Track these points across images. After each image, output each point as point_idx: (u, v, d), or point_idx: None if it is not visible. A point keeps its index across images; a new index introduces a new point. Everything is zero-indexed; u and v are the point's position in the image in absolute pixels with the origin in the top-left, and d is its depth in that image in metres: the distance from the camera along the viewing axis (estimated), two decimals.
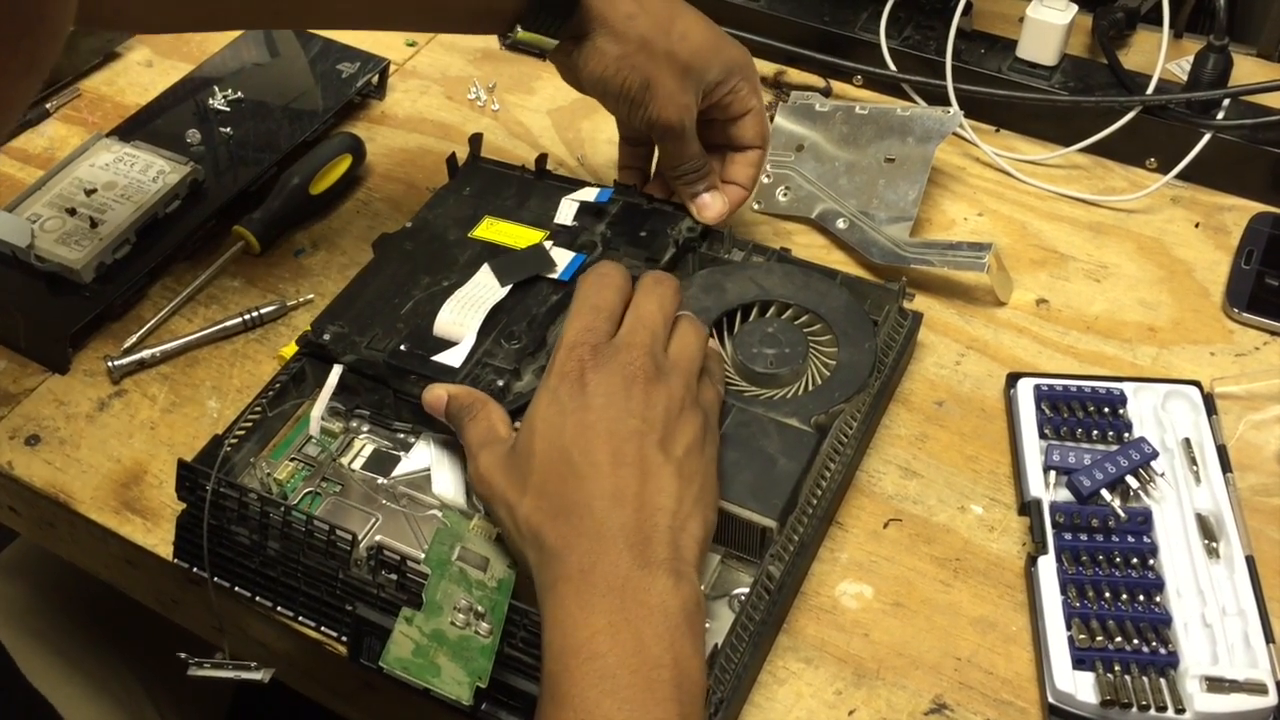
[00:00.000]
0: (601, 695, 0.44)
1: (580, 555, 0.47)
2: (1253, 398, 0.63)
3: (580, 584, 0.46)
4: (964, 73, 0.78)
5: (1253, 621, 0.53)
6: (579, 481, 0.48)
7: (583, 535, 0.47)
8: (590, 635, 0.45)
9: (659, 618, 0.46)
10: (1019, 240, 0.73)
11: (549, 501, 0.49)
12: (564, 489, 0.49)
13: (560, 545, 0.48)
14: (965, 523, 0.59)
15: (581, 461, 0.49)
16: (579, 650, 0.45)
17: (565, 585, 0.47)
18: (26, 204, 0.72)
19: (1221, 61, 0.74)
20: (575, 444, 0.49)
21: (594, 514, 0.48)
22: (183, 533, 0.57)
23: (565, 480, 0.49)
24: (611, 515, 0.48)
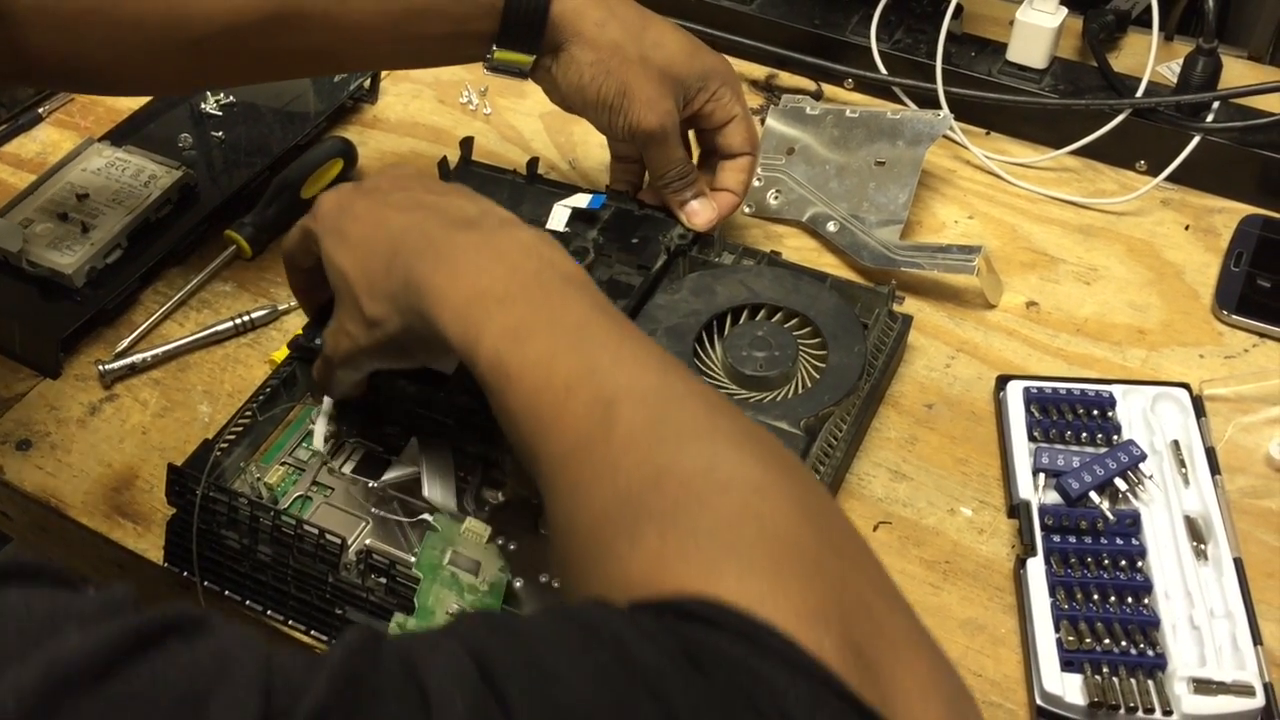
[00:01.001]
0: (504, 311, 0.44)
1: (426, 261, 0.47)
2: (1242, 400, 0.64)
3: (438, 272, 0.46)
4: (954, 76, 0.78)
5: (1240, 623, 0.53)
6: (385, 237, 0.49)
7: (418, 252, 0.47)
8: (470, 286, 0.45)
9: (515, 249, 0.46)
10: (1009, 243, 0.73)
11: (379, 272, 0.49)
12: (379, 255, 0.49)
13: (409, 273, 0.47)
14: (954, 525, 0.59)
15: (375, 230, 0.50)
16: (468, 300, 0.45)
17: (429, 286, 0.46)
18: (18, 209, 0.72)
19: (1211, 64, 0.74)
20: (364, 229, 0.50)
21: (413, 234, 0.48)
22: (173, 537, 0.57)
23: (375, 250, 0.49)
24: (426, 225, 0.48)
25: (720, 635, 0.31)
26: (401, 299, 0.48)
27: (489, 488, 0.58)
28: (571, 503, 0.39)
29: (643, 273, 0.64)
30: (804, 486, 0.37)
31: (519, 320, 0.44)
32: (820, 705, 0.30)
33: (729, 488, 0.36)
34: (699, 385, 0.42)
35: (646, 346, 0.43)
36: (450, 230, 0.48)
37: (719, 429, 0.39)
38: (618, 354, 0.42)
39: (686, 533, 0.34)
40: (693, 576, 0.33)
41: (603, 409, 0.39)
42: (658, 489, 0.36)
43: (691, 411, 0.40)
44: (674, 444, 0.38)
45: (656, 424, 0.39)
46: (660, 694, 0.30)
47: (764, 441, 0.39)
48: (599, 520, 0.37)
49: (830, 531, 0.36)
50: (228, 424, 0.59)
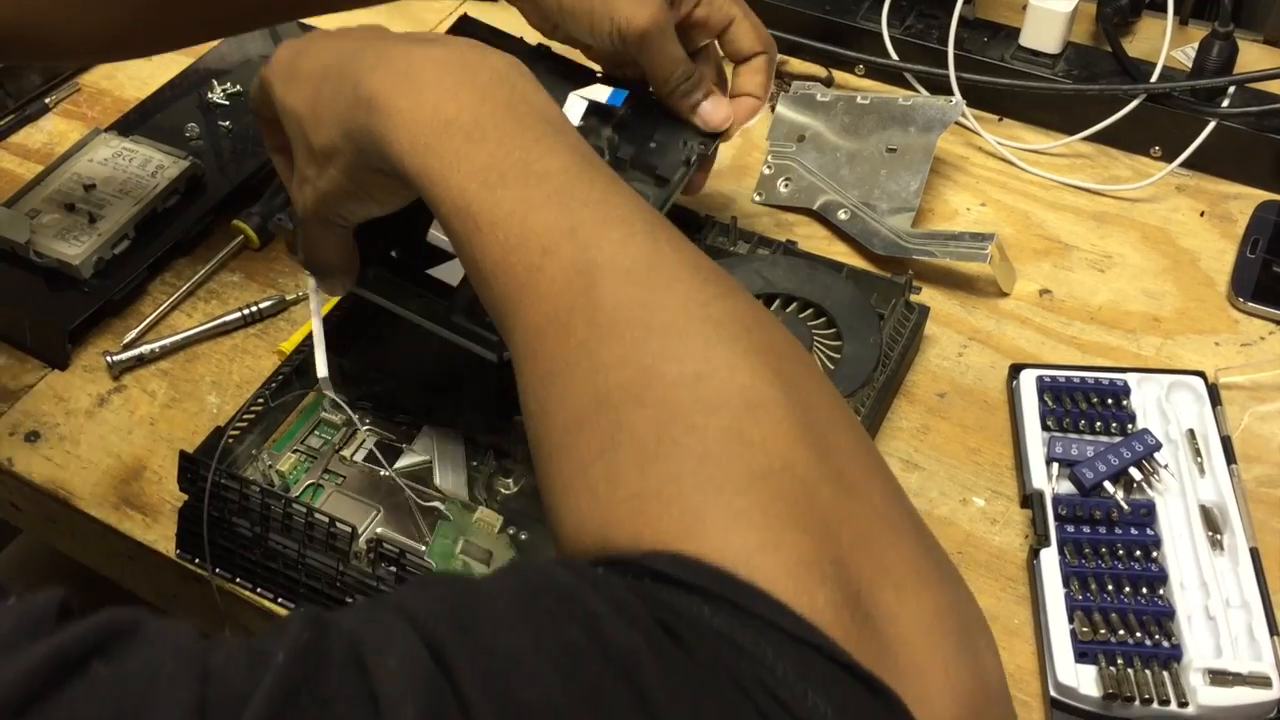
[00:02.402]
0: (473, 146, 0.39)
1: (381, 75, 0.42)
2: (1258, 388, 0.63)
3: (396, 88, 0.41)
4: (966, 61, 0.78)
5: (1257, 614, 0.53)
6: (338, 62, 0.45)
7: (372, 66, 0.43)
8: (433, 111, 0.40)
9: (486, 73, 0.41)
10: (1022, 230, 0.73)
11: (329, 96, 0.45)
12: (330, 79, 0.45)
13: (360, 89, 0.42)
14: (967, 515, 0.59)
15: (330, 58, 0.45)
16: (431, 128, 0.40)
17: (385, 105, 0.41)
18: (25, 199, 0.72)
19: (1226, 49, 0.74)
20: (316, 61, 0.46)
21: (368, 53, 0.44)
22: (185, 525, 0.57)
23: (327, 76, 0.45)
24: (383, 44, 0.44)
25: (702, 603, 0.29)
26: (350, 120, 0.43)
27: (501, 476, 0.58)
28: (545, 393, 0.35)
29: (660, 185, 0.59)
30: (804, 394, 0.34)
31: (490, 159, 0.39)
32: (811, 676, 0.28)
33: (718, 407, 0.32)
34: (691, 254, 0.38)
35: (633, 204, 0.38)
36: (410, 45, 0.43)
37: (711, 318, 0.35)
38: (603, 212, 0.37)
39: (668, 472, 0.31)
40: (674, 528, 0.30)
41: (584, 281, 0.35)
42: (639, 402, 0.33)
43: (683, 294, 0.35)
44: (660, 339, 0.34)
45: (642, 309, 0.35)
46: (635, 680, 0.27)
47: (762, 331, 0.35)
48: (574, 425, 0.34)
49: (831, 452, 0.32)
50: (239, 411, 0.59)
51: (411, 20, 0.89)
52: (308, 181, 0.47)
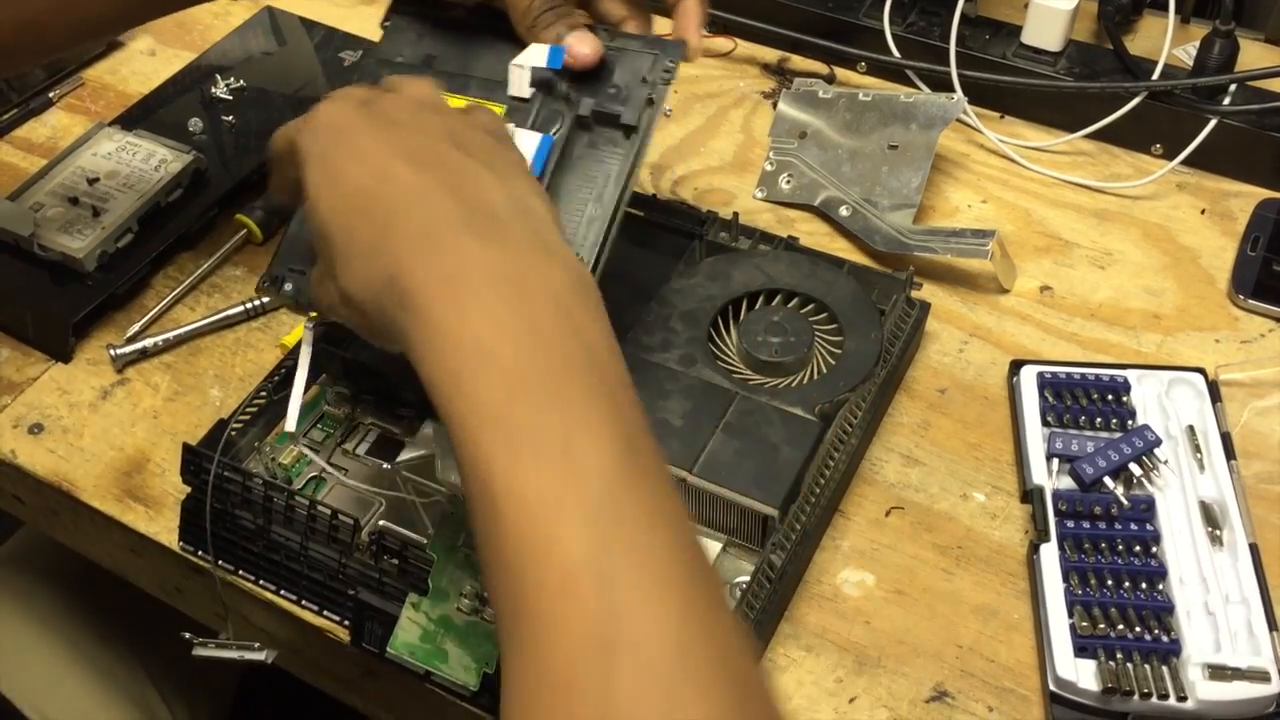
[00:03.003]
0: (509, 397, 0.35)
1: (424, 268, 0.38)
2: (1258, 385, 0.63)
3: (436, 294, 0.37)
4: (968, 59, 0.78)
5: (1256, 609, 0.53)
6: (384, 202, 0.40)
7: (416, 249, 0.38)
8: (473, 338, 0.36)
9: (543, 298, 0.37)
10: (1023, 227, 0.73)
11: (365, 248, 0.39)
12: (372, 224, 0.40)
13: (399, 272, 0.38)
14: (967, 510, 0.59)
15: (375, 185, 0.40)
16: (466, 357, 0.36)
17: (420, 306, 0.37)
18: (29, 193, 0.72)
19: (1228, 47, 0.74)
20: (362, 176, 0.41)
21: (417, 216, 0.39)
22: (188, 517, 0.58)
23: (369, 215, 0.40)
24: (438, 209, 0.39)
25: None
26: (384, 297, 0.39)
27: None
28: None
29: (629, 133, 0.54)
30: None
31: (524, 422, 0.35)
32: None
33: None
34: (722, 625, 0.34)
35: (674, 529, 0.34)
36: (464, 231, 0.38)
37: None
38: (642, 547, 0.33)
39: None
40: None
41: (601, 659, 0.32)
42: None
43: (705, 697, 0.32)
44: None
45: (658, 714, 0.31)
46: None
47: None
48: None
49: None
50: (242, 404, 0.59)
51: None
52: (329, 294, 0.43)
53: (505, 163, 0.43)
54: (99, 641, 0.78)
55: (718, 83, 0.83)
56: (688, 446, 0.56)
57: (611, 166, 0.54)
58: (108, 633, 0.78)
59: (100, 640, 0.78)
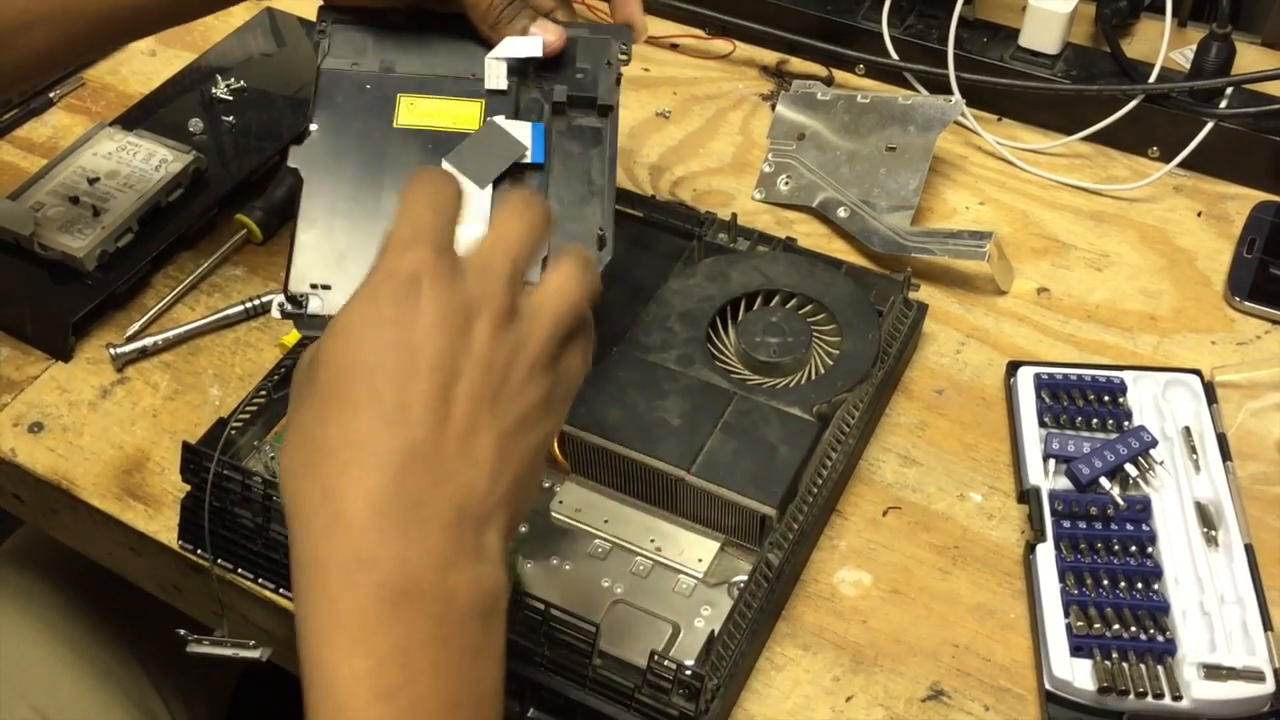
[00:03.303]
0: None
1: (350, 538, 0.35)
2: (1254, 386, 0.63)
3: (354, 584, 0.35)
4: (966, 61, 0.78)
5: (1251, 609, 0.53)
6: (371, 420, 0.36)
7: (359, 503, 0.35)
8: (374, 665, 0.34)
9: (459, 637, 0.35)
10: (1020, 229, 0.73)
11: (316, 436, 0.37)
12: (345, 423, 0.36)
13: (321, 513, 0.35)
14: (964, 511, 0.59)
15: (385, 391, 0.36)
16: (357, 689, 0.34)
17: (325, 583, 0.35)
18: (30, 192, 0.72)
19: (1224, 50, 0.74)
20: (384, 366, 0.37)
21: (376, 472, 0.36)
22: (187, 515, 0.58)
23: (355, 411, 0.36)
24: (402, 481, 0.36)
25: None
26: (297, 503, 0.37)
27: None
28: None
29: (603, 113, 0.56)
30: None
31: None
32: None
33: None
34: None
35: None
36: (395, 546, 0.35)
37: None
38: None
39: None
40: None
41: None
42: None
43: None
44: None
45: None
46: None
47: None
48: None
49: None
50: (242, 403, 0.59)
51: None
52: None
53: (520, 449, 0.39)
54: (98, 640, 0.78)
55: (717, 85, 0.83)
56: (686, 446, 0.56)
57: (594, 146, 0.57)
58: (106, 631, 0.78)
59: (99, 639, 0.78)
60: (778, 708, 0.53)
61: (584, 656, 0.50)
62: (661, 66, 0.85)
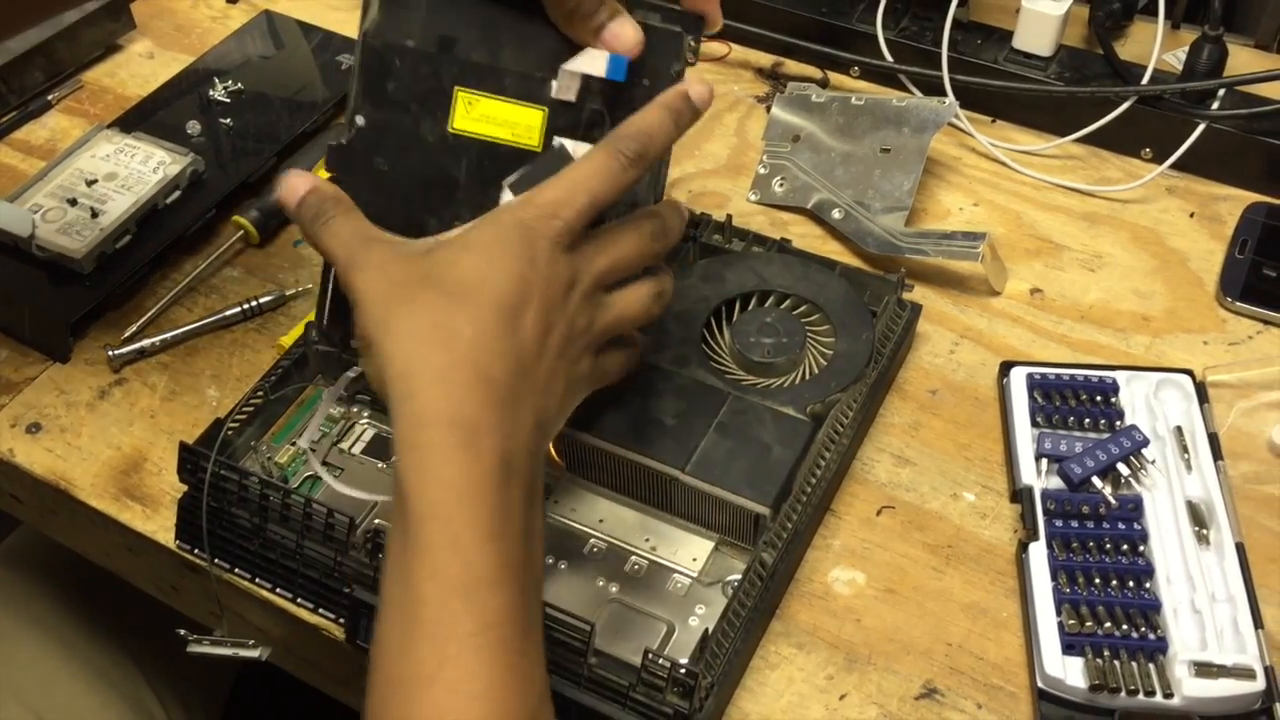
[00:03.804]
0: (453, 555, 0.41)
1: (480, 403, 0.43)
2: (1245, 386, 0.64)
3: (476, 442, 0.42)
4: (960, 63, 0.78)
5: (1242, 607, 0.53)
6: (496, 322, 0.44)
7: (486, 402, 0.43)
8: (487, 512, 0.42)
9: (536, 508, 0.44)
10: (1014, 230, 0.74)
11: (444, 319, 0.44)
12: (473, 317, 0.44)
13: (448, 378, 0.43)
14: (957, 510, 0.60)
15: (506, 306, 0.45)
16: (471, 527, 0.42)
17: (449, 436, 0.42)
18: (28, 194, 0.72)
19: (1216, 52, 0.74)
20: (504, 286, 0.45)
21: (500, 360, 0.44)
22: (184, 515, 0.58)
23: (480, 310, 0.44)
24: (513, 378, 0.44)
25: None
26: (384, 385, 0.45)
27: None
28: None
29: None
30: None
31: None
32: None
33: None
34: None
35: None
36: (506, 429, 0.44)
37: None
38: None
39: None
40: None
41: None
42: None
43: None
44: None
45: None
46: None
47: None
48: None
49: None
50: (239, 404, 0.60)
51: None
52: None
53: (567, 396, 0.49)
54: (94, 640, 0.78)
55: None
56: (680, 446, 0.56)
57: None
58: (103, 631, 0.78)
59: (96, 639, 0.78)
60: (772, 706, 0.53)
61: (579, 655, 0.50)
62: None
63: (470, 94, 0.51)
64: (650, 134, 0.49)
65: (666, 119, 0.49)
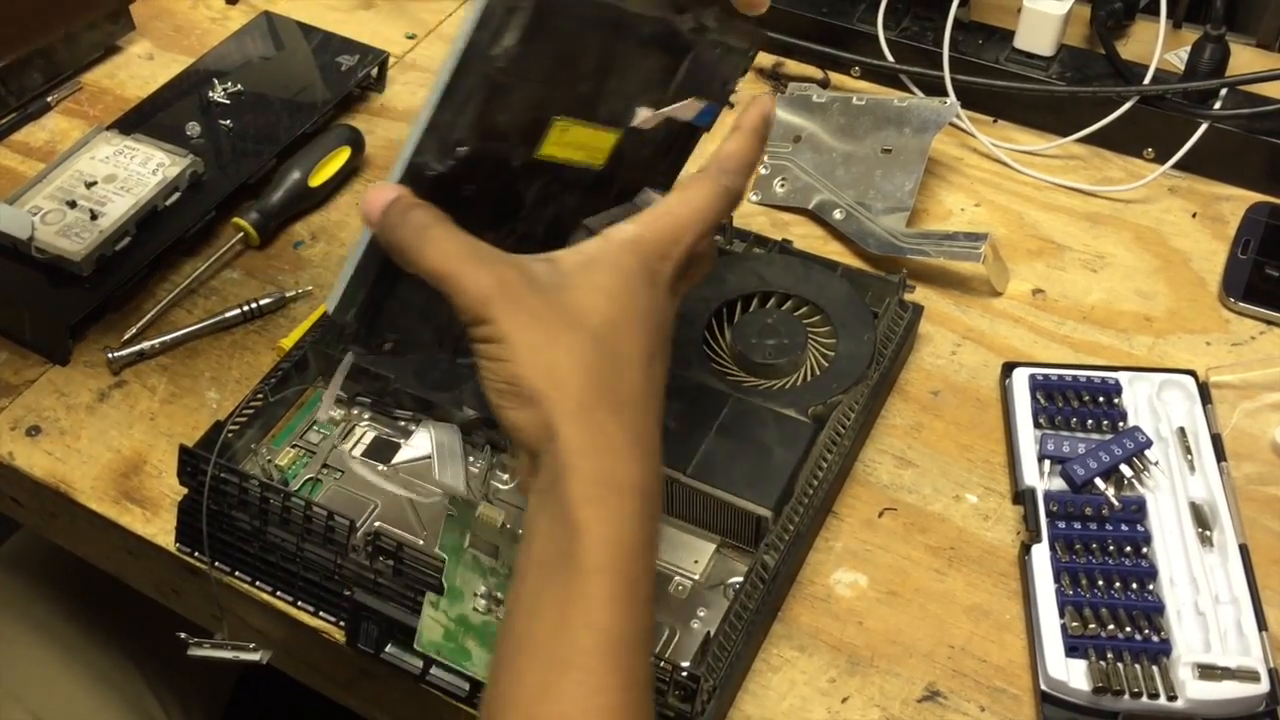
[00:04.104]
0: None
1: (644, 459, 0.43)
2: (1248, 387, 0.64)
3: (635, 489, 0.42)
4: (961, 63, 0.78)
5: (1245, 610, 0.53)
6: (644, 371, 0.44)
7: (656, 469, 0.44)
8: (631, 530, 0.42)
9: (656, 523, 0.44)
10: (1016, 230, 0.73)
11: (607, 376, 0.43)
12: (629, 369, 0.44)
13: (621, 444, 0.42)
14: (960, 512, 0.59)
15: (644, 350, 0.44)
16: (630, 540, 0.42)
17: (618, 490, 0.42)
18: (27, 196, 0.72)
19: (1218, 51, 0.74)
20: (648, 347, 0.44)
21: (650, 411, 0.44)
22: (184, 518, 0.58)
23: (624, 359, 0.44)
24: (649, 427, 0.44)
25: None
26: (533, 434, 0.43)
27: (498, 472, 0.58)
28: None
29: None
30: None
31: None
32: None
33: None
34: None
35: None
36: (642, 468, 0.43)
37: None
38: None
39: None
40: None
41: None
42: None
43: None
44: None
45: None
46: None
47: None
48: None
49: None
50: (239, 406, 0.60)
51: (411, 21, 0.90)
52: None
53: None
54: (95, 643, 0.78)
55: None
56: (682, 448, 0.56)
57: None
58: (104, 634, 0.78)
59: (96, 642, 0.78)
60: (774, 709, 0.53)
61: None
62: None
63: (566, 122, 0.48)
64: (750, 163, 0.49)
65: (756, 143, 0.49)
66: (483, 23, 0.43)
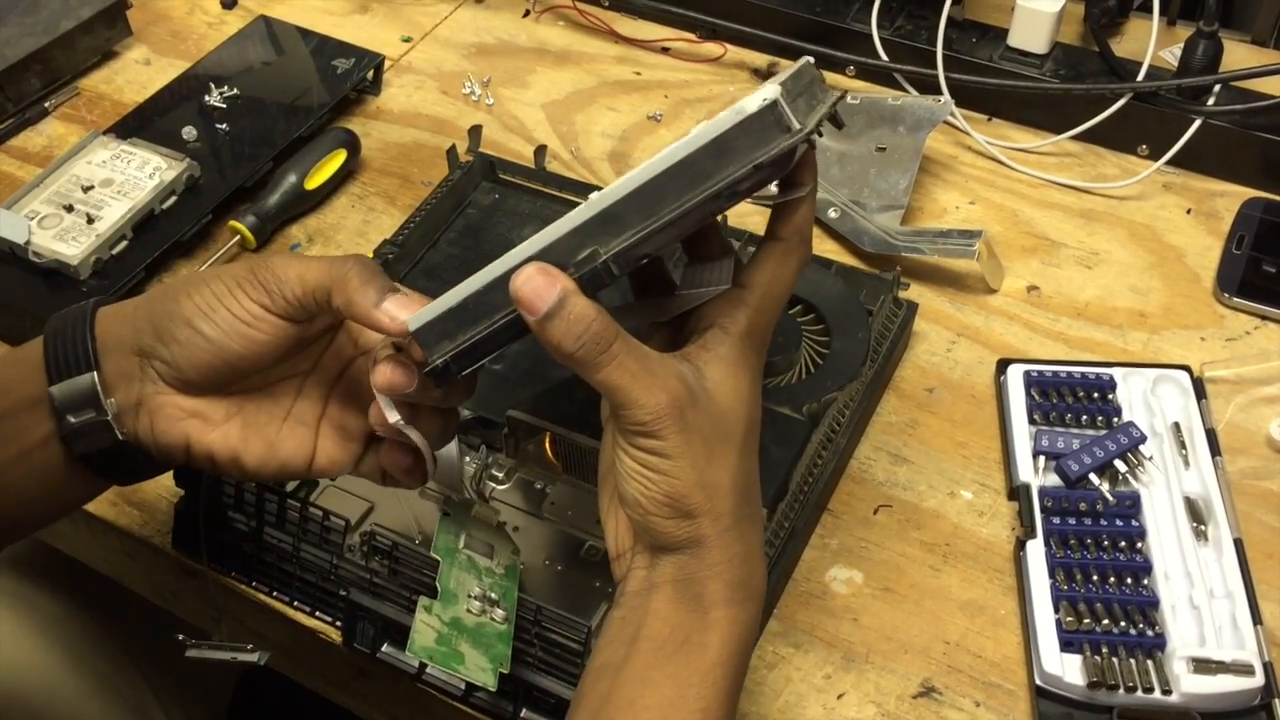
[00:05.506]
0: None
1: (760, 568, 0.45)
2: (1243, 381, 0.64)
3: (753, 597, 0.45)
4: (955, 62, 0.78)
5: (1240, 603, 0.53)
6: (751, 461, 0.45)
7: (758, 544, 0.45)
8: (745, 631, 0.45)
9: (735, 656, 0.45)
10: (1010, 228, 0.73)
11: (741, 481, 0.44)
12: (736, 463, 0.44)
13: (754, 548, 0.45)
14: (955, 508, 0.59)
15: (750, 439, 0.45)
16: (734, 641, 0.44)
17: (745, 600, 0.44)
18: (24, 201, 0.73)
19: (1211, 48, 0.74)
20: (741, 420, 0.45)
21: (759, 511, 0.46)
22: (181, 520, 0.58)
23: (737, 451, 0.44)
24: (756, 532, 0.46)
25: None
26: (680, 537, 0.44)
27: (493, 471, 0.58)
28: None
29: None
30: None
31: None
32: None
33: None
34: None
35: None
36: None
37: None
38: None
39: None
40: None
41: None
42: None
43: None
44: None
45: None
46: None
47: None
48: None
49: None
50: None
51: (406, 24, 0.90)
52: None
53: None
54: (95, 646, 0.78)
55: (707, 87, 0.84)
56: None
57: None
58: (103, 637, 0.78)
59: (96, 645, 0.78)
60: (770, 705, 0.53)
61: (576, 656, 0.50)
62: (653, 70, 0.85)
63: None
64: (812, 227, 0.49)
65: (814, 202, 0.49)
66: (741, 176, 0.42)
